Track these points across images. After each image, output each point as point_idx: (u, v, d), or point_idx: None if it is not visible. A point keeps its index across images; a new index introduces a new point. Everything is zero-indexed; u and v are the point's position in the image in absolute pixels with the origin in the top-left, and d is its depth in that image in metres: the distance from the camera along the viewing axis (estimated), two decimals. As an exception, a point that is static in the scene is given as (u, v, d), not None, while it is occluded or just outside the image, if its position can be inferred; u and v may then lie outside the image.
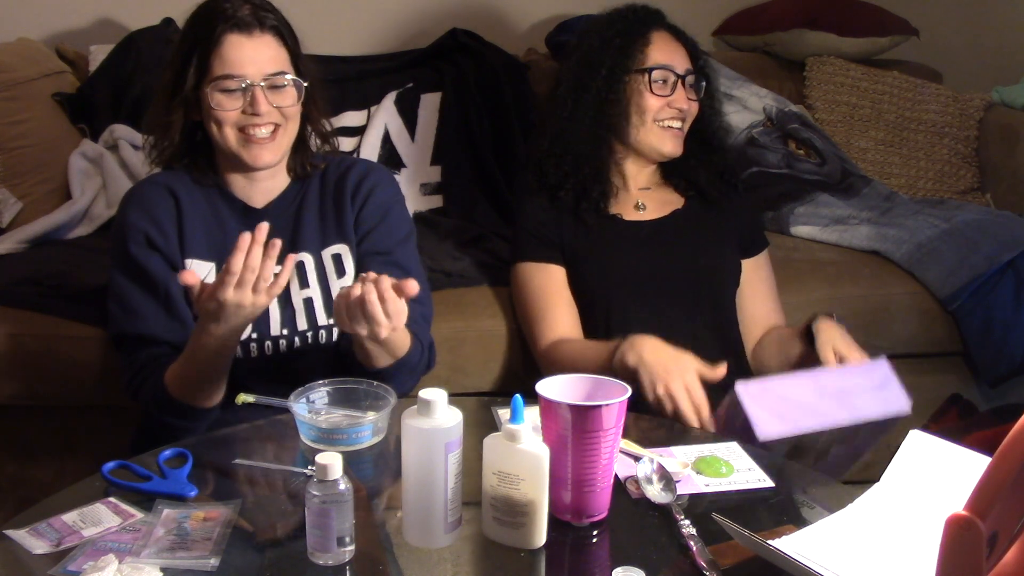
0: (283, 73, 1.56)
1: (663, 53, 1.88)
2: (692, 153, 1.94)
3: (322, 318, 1.60)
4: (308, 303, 1.60)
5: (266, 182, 1.64)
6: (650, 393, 1.53)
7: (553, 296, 1.85)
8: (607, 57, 1.89)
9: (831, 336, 1.68)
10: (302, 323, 1.60)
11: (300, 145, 1.65)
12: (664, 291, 1.84)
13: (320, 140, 1.69)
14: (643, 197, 1.94)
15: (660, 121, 1.87)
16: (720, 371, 1.53)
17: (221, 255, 1.58)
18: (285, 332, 1.59)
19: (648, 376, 1.53)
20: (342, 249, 1.64)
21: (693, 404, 1.50)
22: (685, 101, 1.88)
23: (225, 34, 1.53)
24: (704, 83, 1.93)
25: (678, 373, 1.52)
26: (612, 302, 1.83)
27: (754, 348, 1.91)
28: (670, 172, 1.97)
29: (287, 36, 1.59)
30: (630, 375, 1.55)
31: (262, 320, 1.55)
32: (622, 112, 1.88)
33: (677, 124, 1.89)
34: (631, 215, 1.91)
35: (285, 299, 1.59)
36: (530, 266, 1.88)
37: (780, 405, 1.45)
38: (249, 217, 1.62)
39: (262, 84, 1.53)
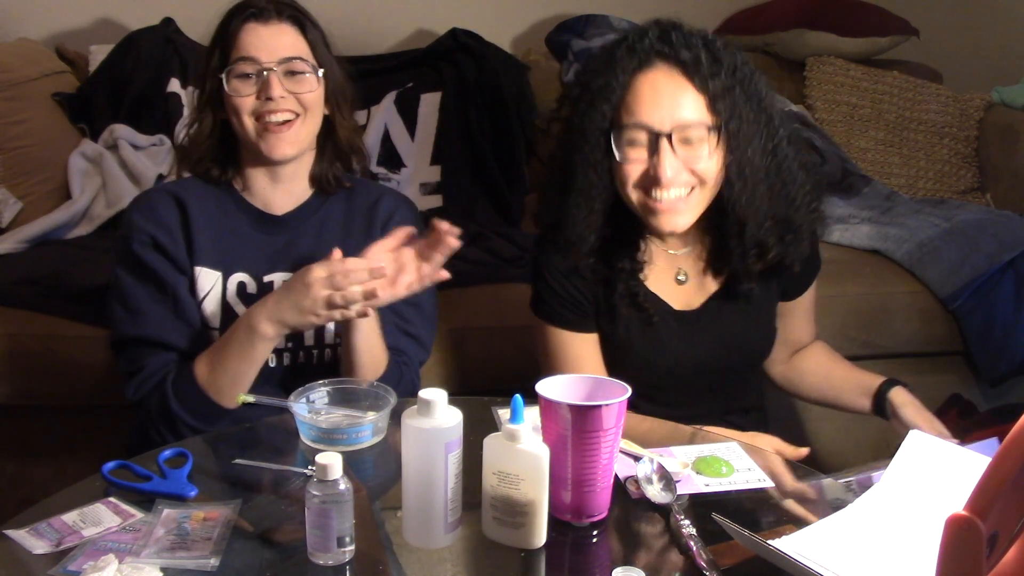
0: (299, 59, 1.55)
1: (642, 105, 1.41)
2: (726, 233, 1.50)
3: (329, 336, 1.58)
4: None
5: (288, 184, 1.61)
6: None
7: (588, 367, 1.56)
8: (582, 113, 1.46)
9: (917, 415, 1.57)
10: (309, 339, 1.57)
11: (324, 153, 1.63)
12: (695, 383, 1.62)
13: (347, 147, 1.65)
14: (682, 264, 1.57)
15: (644, 192, 1.43)
16: (803, 452, 1.45)
17: (229, 264, 1.56)
18: (290, 345, 1.56)
19: None
20: None
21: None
22: (669, 168, 1.39)
23: (243, 23, 1.54)
24: (725, 126, 1.41)
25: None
26: (640, 388, 1.43)
27: (786, 369, 1.76)
28: (708, 239, 1.56)
29: (308, 27, 1.58)
30: None
31: None
32: (602, 176, 1.46)
33: (664, 195, 1.42)
34: (671, 292, 1.57)
35: None
36: (565, 334, 1.58)
37: None
38: (266, 224, 1.60)
39: (276, 69, 1.52)
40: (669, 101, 1.40)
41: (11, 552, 1.07)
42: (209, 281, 1.55)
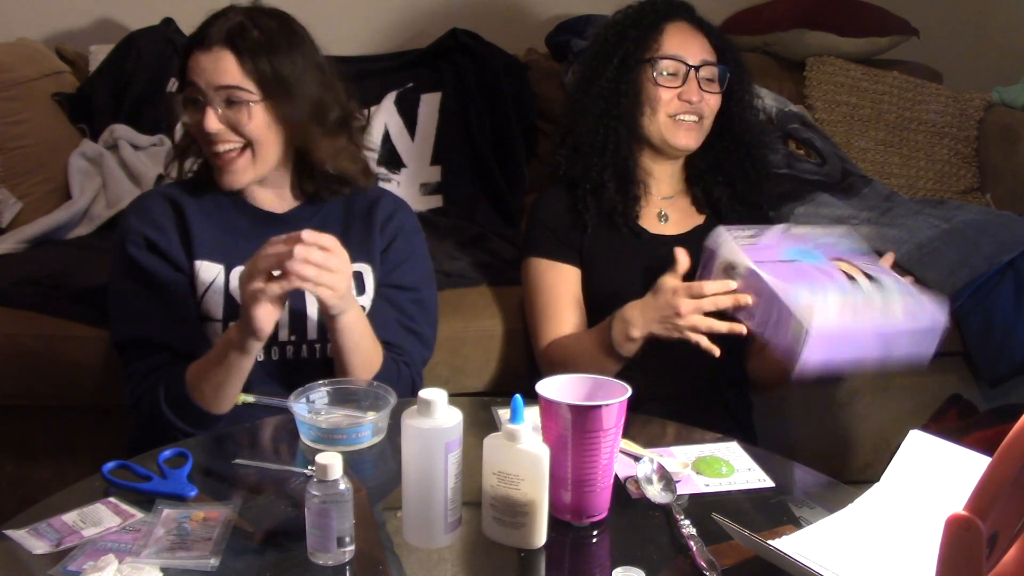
0: (235, 88, 1.49)
1: (676, 43, 1.80)
2: (716, 162, 1.87)
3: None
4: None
5: (276, 189, 1.62)
6: (678, 335, 1.56)
7: (563, 297, 1.82)
8: (620, 48, 1.82)
9: None
10: (312, 333, 1.57)
11: (304, 168, 1.60)
12: None
13: (330, 170, 1.60)
14: (666, 207, 1.88)
15: (672, 115, 1.80)
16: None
17: (231, 257, 1.56)
18: (293, 338, 1.56)
19: (665, 333, 1.57)
20: (364, 268, 1.62)
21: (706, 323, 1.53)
22: (696, 93, 1.78)
23: (191, 53, 1.52)
24: (728, 75, 1.82)
25: (671, 312, 1.55)
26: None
27: (758, 360, 1.84)
28: (694, 180, 1.90)
29: (252, 51, 1.50)
30: (638, 344, 1.62)
31: None
32: (633, 104, 1.80)
33: (690, 118, 1.80)
34: (654, 226, 1.86)
35: (299, 307, 1.55)
36: (544, 263, 1.84)
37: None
38: (266, 221, 1.60)
39: (212, 98, 1.49)
40: (694, 44, 1.81)
41: (11, 552, 1.07)
42: (211, 273, 1.56)
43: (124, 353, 1.56)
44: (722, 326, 1.53)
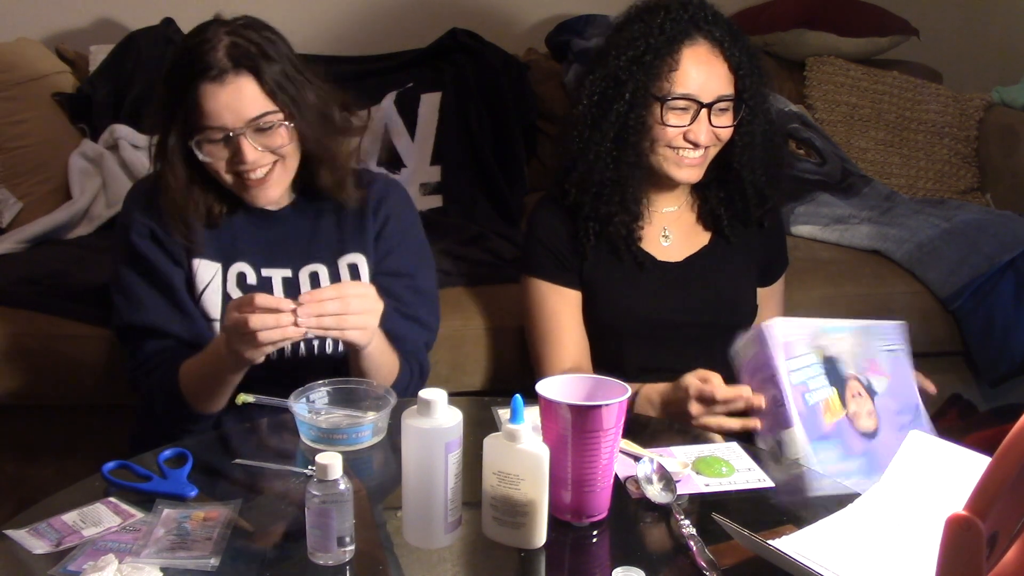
0: (265, 114, 1.46)
1: (691, 77, 1.64)
2: (717, 181, 1.76)
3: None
4: None
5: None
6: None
7: (566, 322, 1.74)
8: (633, 78, 1.65)
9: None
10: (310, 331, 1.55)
11: (306, 172, 1.57)
12: (681, 338, 1.76)
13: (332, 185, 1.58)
14: (668, 223, 1.77)
15: (675, 149, 1.67)
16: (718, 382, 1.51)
17: (228, 256, 1.57)
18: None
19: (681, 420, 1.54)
20: (359, 259, 1.61)
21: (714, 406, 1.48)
22: (705, 133, 1.64)
23: (200, 86, 1.44)
24: (743, 107, 1.67)
25: (683, 411, 1.50)
26: (625, 341, 1.75)
27: None
28: (699, 197, 1.79)
29: (266, 71, 1.46)
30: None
31: None
32: (641, 135, 1.67)
33: (694, 154, 1.67)
34: (656, 248, 1.76)
35: None
36: (545, 285, 1.75)
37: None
38: (261, 217, 1.59)
39: (244, 131, 1.45)
40: (711, 77, 1.65)
41: (11, 552, 1.07)
42: (208, 273, 1.56)
43: (126, 339, 1.57)
44: (734, 424, 1.48)
